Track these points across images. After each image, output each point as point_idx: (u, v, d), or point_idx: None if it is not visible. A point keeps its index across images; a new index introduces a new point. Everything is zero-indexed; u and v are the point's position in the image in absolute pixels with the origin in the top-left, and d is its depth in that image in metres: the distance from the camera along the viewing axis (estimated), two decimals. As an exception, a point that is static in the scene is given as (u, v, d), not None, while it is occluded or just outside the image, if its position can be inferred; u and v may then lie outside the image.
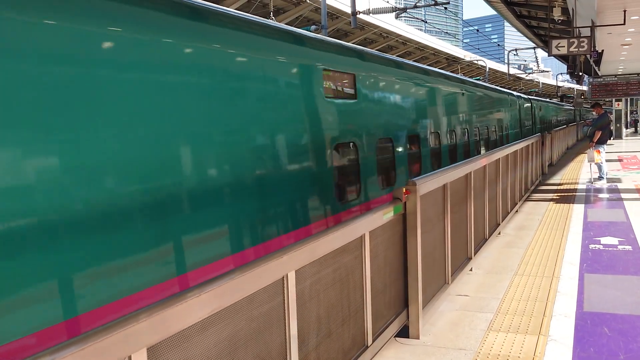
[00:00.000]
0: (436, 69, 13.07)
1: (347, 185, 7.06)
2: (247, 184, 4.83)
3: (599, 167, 13.85)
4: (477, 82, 16.93)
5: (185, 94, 4.17)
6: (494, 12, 25.62)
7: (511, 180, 9.51)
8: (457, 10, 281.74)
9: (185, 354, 2.19)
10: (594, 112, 15.26)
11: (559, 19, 20.21)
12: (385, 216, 4.14)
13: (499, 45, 53.14)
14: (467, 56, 44.10)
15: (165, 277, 3.81)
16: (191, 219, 4.12)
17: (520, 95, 23.12)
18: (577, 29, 15.75)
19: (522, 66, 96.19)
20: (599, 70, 29.11)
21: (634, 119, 46.72)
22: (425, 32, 45.81)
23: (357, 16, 19.07)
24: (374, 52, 9.04)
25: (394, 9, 20.67)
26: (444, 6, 21.92)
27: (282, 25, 6.54)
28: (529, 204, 11.20)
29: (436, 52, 38.52)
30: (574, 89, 62.91)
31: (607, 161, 15.17)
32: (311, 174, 6.02)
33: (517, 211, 10.12)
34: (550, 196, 12.17)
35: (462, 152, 12.69)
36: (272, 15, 17.26)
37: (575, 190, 12.93)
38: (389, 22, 28.12)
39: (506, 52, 44.75)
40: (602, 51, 21.67)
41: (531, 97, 26.68)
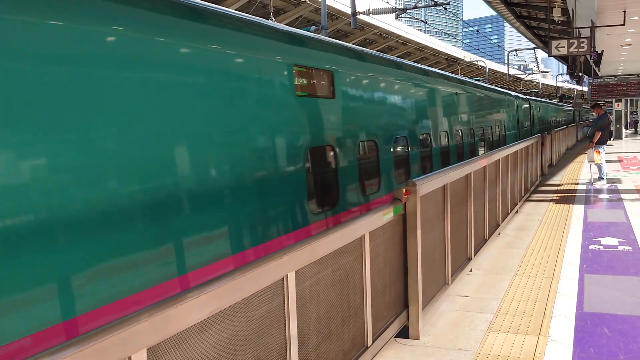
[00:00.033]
0: (427, 67, 12.36)
1: (322, 195, 6.35)
2: (187, 197, 4.12)
3: (599, 168, 13.86)
4: (473, 81, 16.33)
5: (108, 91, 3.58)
6: (494, 13, 25.63)
7: (511, 180, 9.51)
8: (457, 10, 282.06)
9: (185, 355, 2.19)
10: (593, 113, 15.26)
11: (559, 20, 20.21)
12: (385, 217, 4.14)
13: (498, 45, 53.09)
14: (467, 57, 44.12)
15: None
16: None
17: (518, 95, 22.67)
18: (577, 30, 15.76)
19: (522, 67, 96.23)
20: (599, 70, 29.11)
21: (633, 119, 46.77)
22: (425, 32, 45.86)
23: (357, 17, 19.07)
24: (355, 47, 8.33)
25: (393, 10, 20.68)
26: (444, 7, 21.93)
27: (242, 14, 5.64)
28: (529, 204, 11.20)
29: (436, 53, 38.54)
30: (573, 89, 62.96)
31: (607, 162, 15.18)
32: (276, 184, 5.24)
33: (517, 212, 10.12)
34: (550, 197, 12.17)
35: (456, 156, 12.08)
36: (272, 16, 17.26)
37: (575, 190, 12.93)
38: (388, 23, 28.12)
39: (506, 53, 44.77)
40: (602, 52, 21.67)
41: (529, 97, 26.19)
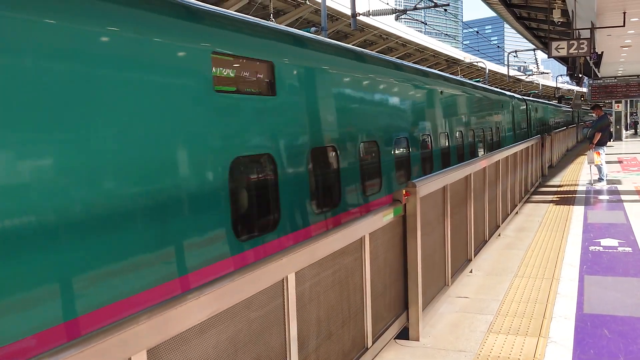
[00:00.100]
0: (402, 61, 11.08)
1: (255, 215, 5.26)
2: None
3: (599, 169, 13.87)
4: (461, 79, 15.28)
5: None
6: (494, 14, 25.65)
7: (511, 181, 9.50)
8: (456, 12, 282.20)
9: (185, 356, 2.19)
10: (593, 114, 15.27)
11: (559, 21, 20.23)
12: (385, 218, 4.14)
13: (498, 47, 53.16)
14: (467, 58, 44.18)
15: None
16: None
17: (513, 95, 21.74)
18: (577, 31, 15.77)
19: (522, 68, 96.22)
20: (599, 72, 29.14)
21: (633, 120, 46.79)
22: (425, 33, 45.90)
23: (357, 18, 19.08)
24: (308, 35, 7.05)
25: (393, 11, 20.70)
26: (444, 8, 21.95)
27: None
28: (529, 205, 11.20)
29: (436, 54, 38.58)
30: (573, 90, 63.00)
31: (607, 163, 15.20)
32: (188, 202, 4.23)
33: (517, 213, 10.12)
34: (550, 198, 12.17)
35: (440, 164, 10.78)
36: (272, 17, 17.28)
37: (575, 192, 12.93)
38: (388, 24, 28.14)
39: (506, 54, 44.82)
40: (602, 53, 21.68)
41: (526, 98, 25.34)
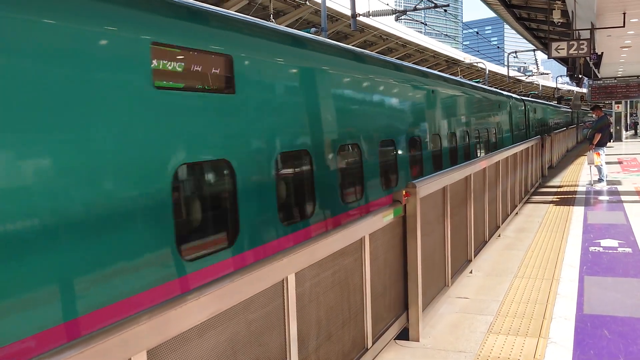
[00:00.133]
0: (387, 57, 10.28)
1: (206, 232, 4.68)
2: None
3: (599, 170, 13.87)
4: (457, 78, 14.54)
5: None
6: (494, 15, 25.66)
7: (511, 182, 9.50)
8: (456, 12, 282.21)
9: (185, 357, 2.19)
10: (593, 115, 15.28)
11: (559, 22, 20.22)
12: (385, 219, 4.14)
13: (498, 47, 53.25)
14: (467, 58, 44.24)
15: None
16: None
17: (511, 95, 21.16)
18: (577, 32, 15.78)
19: (521, 68, 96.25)
20: (599, 72, 29.15)
21: (633, 121, 46.78)
22: (425, 34, 45.97)
23: (357, 19, 19.10)
24: (275, 26, 6.32)
25: (393, 12, 20.71)
26: (444, 8, 21.96)
27: None
28: (529, 206, 11.20)
29: (436, 55, 38.60)
30: (573, 91, 63.03)
31: (607, 163, 15.20)
32: (117, 219, 3.69)
33: (517, 213, 10.12)
34: (550, 198, 12.17)
35: (431, 168, 9.99)
36: (272, 17, 17.28)
37: (575, 192, 12.93)
38: (388, 25, 28.17)
39: (506, 55, 44.85)
40: (602, 53, 21.68)
41: (524, 98, 24.66)
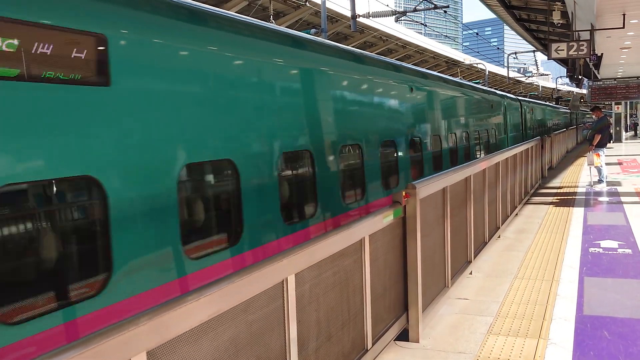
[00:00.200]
0: (357, 50, 9.01)
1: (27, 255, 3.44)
2: None
3: (599, 170, 13.87)
4: (443, 76, 13.51)
5: None
6: (494, 16, 25.68)
7: (511, 183, 9.51)
8: (456, 13, 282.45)
9: (185, 358, 2.19)
10: (593, 116, 15.30)
11: (559, 23, 20.25)
12: (385, 219, 4.14)
13: (498, 48, 53.35)
14: (466, 59, 44.27)
15: None
16: None
17: (506, 94, 20.31)
18: (577, 33, 15.79)
19: (521, 69, 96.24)
20: (599, 73, 29.17)
21: (633, 122, 46.79)
22: (424, 35, 46.00)
23: (357, 19, 19.12)
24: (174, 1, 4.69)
25: (393, 13, 20.73)
26: (444, 10, 21.98)
27: None
28: (529, 207, 11.20)
29: (436, 56, 38.63)
30: (573, 92, 63.05)
31: (607, 164, 15.19)
32: None
33: (517, 214, 10.12)
34: (550, 199, 12.17)
35: (408, 177, 8.86)
36: (272, 18, 17.29)
37: (575, 193, 12.93)
38: (388, 26, 28.20)
39: (506, 56, 44.88)
40: (602, 54, 21.70)
41: (520, 98, 23.82)
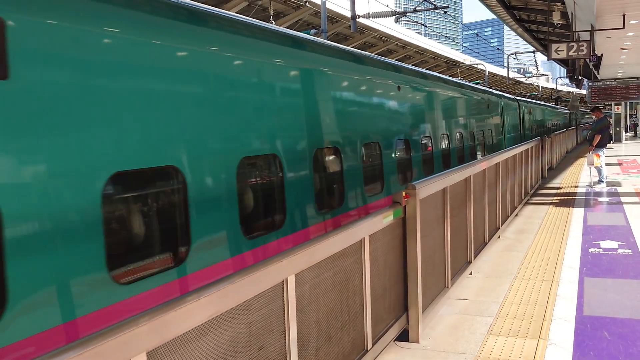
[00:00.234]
0: (326, 41, 8.14)
1: None
2: None
3: (599, 171, 13.87)
4: (435, 74, 12.73)
5: None
6: (494, 16, 25.69)
7: (511, 183, 9.51)
8: (456, 14, 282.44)
9: (184, 359, 2.19)
10: (593, 117, 15.31)
11: (559, 23, 20.25)
12: (385, 220, 4.14)
13: (498, 49, 53.38)
14: (466, 60, 44.30)
15: None
16: None
17: (503, 94, 19.69)
18: (577, 33, 15.79)
19: (521, 70, 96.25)
20: (599, 74, 29.16)
21: (633, 122, 46.79)
22: (424, 35, 46.02)
23: (357, 20, 19.13)
24: None
25: (393, 13, 20.75)
26: (444, 10, 21.99)
27: None
28: (529, 207, 11.20)
29: (435, 56, 38.64)
30: (573, 92, 63.06)
31: (607, 165, 15.20)
32: None
33: (517, 215, 10.12)
34: (550, 200, 12.17)
35: (392, 185, 8.16)
36: (272, 19, 17.29)
37: (575, 193, 12.93)
38: (388, 26, 28.22)
39: (506, 56, 44.90)
40: (602, 55, 21.69)
41: (518, 98, 23.22)
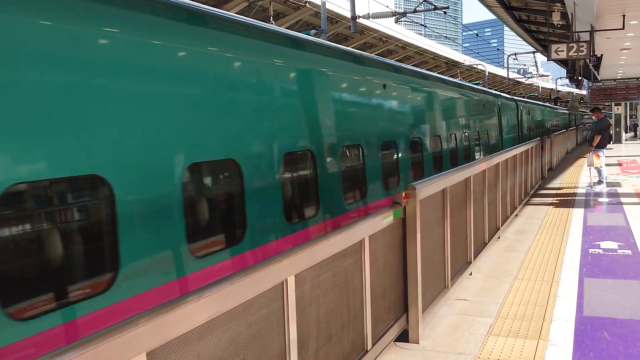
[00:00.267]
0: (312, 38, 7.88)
1: None
2: None
3: (599, 171, 13.87)
4: (426, 72, 12.15)
5: None
6: (494, 17, 25.69)
7: (511, 184, 9.51)
8: (456, 14, 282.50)
9: (185, 359, 2.19)
10: (593, 117, 15.32)
11: (559, 24, 20.26)
12: (384, 220, 4.14)
13: (498, 49, 53.36)
14: (466, 60, 44.29)
15: None
16: None
17: (500, 94, 19.19)
18: (577, 34, 15.80)
19: (521, 70, 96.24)
20: (598, 74, 29.18)
21: (633, 123, 46.81)
22: (424, 36, 46.02)
23: (357, 20, 19.13)
24: None
25: (393, 14, 20.75)
26: (444, 11, 21.99)
27: None
28: (529, 207, 11.20)
29: (435, 57, 38.64)
30: (573, 93, 63.05)
31: (607, 165, 15.20)
32: None
33: (516, 215, 10.12)
34: (550, 200, 12.17)
35: (374, 189, 7.74)
36: (271, 19, 17.29)
37: (574, 194, 12.93)
38: (388, 27, 28.22)
39: (506, 57, 44.90)
40: (602, 55, 21.71)
41: (516, 98, 22.81)
